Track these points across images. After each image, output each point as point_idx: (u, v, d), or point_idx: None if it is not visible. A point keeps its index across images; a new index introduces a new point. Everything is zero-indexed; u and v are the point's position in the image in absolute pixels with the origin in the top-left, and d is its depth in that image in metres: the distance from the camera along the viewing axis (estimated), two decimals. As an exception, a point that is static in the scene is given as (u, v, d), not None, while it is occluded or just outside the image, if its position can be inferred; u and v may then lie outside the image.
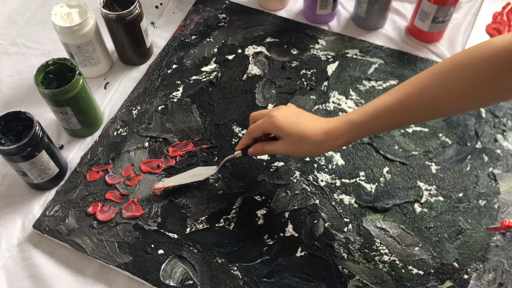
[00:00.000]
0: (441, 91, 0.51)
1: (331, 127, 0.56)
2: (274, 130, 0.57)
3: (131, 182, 0.67)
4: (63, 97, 0.65)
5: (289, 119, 0.56)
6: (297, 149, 0.57)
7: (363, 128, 0.55)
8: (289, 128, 0.56)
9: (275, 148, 0.58)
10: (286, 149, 0.58)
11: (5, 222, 0.65)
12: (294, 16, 0.89)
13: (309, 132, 0.56)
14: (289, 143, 0.57)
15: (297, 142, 0.56)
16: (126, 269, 0.60)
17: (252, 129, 0.60)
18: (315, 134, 0.56)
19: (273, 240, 0.62)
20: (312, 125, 0.56)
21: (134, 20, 0.74)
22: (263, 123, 0.58)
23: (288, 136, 0.57)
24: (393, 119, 0.54)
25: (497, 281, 0.59)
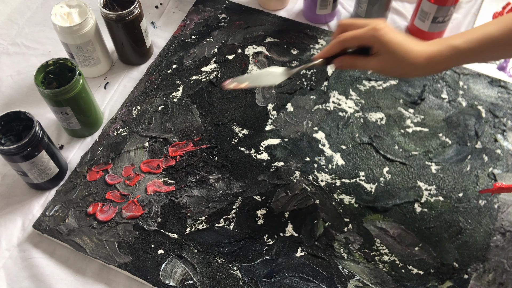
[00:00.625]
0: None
1: (433, 52, 0.53)
2: (378, 45, 0.53)
3: (131, 182, 0.67)
4: (63, 97, 0.65)
5: (396, 36, 0.53)
6: (396, 69, 0.54)
7: (466, 55, 0.53)
8: (395, 46, 0.52)
9: (371, 64, 0.55)
10: (383, 66, 0.54)
11: (5, 222, 0.65)
12: (294, 16, 0.89)
13: (414, 54, 0.53)
14: (389, 61, 0.54)
15: (399, 62, 0.53)
16: (126, 269, 0.60)
17: (348, 37, 0.54)
18: (419, 57, 0.53)
19: (273, 240, 0.62)
20: (416, 47, 0.53)
21: (134, 20, 0.74)
22: (364, 34, 0.53)
23: (392, 54, 0.53)
24: (498, 49, 0.53)
25: (497, 281, 0.59)
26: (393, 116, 0.74)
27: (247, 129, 0.73)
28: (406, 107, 0.75)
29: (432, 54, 0.53)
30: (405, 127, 0.73)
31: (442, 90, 0.77)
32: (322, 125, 0.73)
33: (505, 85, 0.77)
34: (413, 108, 0.75)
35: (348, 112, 0.75)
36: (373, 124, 0.73)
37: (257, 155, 0.70)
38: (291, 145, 0.71)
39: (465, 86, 0.77)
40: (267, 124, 0.73)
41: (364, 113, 0.74)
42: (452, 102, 0.75)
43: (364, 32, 0.53)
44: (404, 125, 0.73)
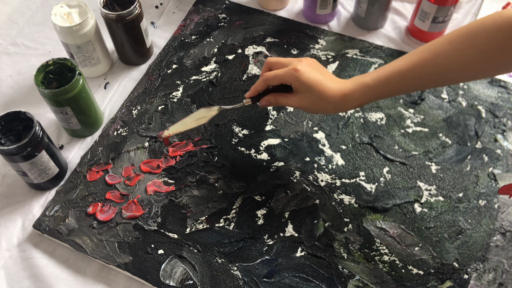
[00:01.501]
0: (453, 58, 0.52)
1: (347, 91, 0.57)
2: (296, 84, 0.57)
3: (131, 182, 0.67)
4: (63, 97, 0.65)
5: (313, 75, 0.57)
6: (313, 106, 0.58)
7: (376, 92, 0.56)
8: (312, 86, 0.56)
9: (291, 101, 0.59)
10: (302, 104, 0.58)
11: (5, 222, 0.65)
12: (294, 16, 0.89)
13: (329, 93, 0.56)
14: (307, 99, 0.57)
15: (315, 100, 0.57)
16: (126, 269, 0.60)
17: (270, 76, 0.58)
18: (334, 95, 0.56)
19: (273, 240, 0.62)
20: (332, 87, 0.57)
21: (134, 20, 0.74)
22: (285, 74, 0.57)
23: (308, 93, 0.57)
24: (405, 84, 0.55)
25: (497, 281, 0.59)
26: (393, 116, 0.74)
27: (247, 129, 0.73)
28: (406, 107, 0.75)
29: (346, 92, 0.57)
30: (405, 127, 0.73)
31: (442, 90, 0.77)
32: (322, 125, 0.73)
33: (505, 85, 0.77)
34: (413, 108, 0.75)
35: (348, 112, 0.75)
36: (373, 124, 0.73)
37: (257, 155, 0.70)
38: (291, 145, 0.71)
39: (465, 86, 0.77)
40: (267, 124, 0.73)
41: (364, 113, 0.74)
42: (452, 102, 0.75)
43: (284, 72, 0.57)
44: (404, 125, 0.73)
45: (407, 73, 0.54)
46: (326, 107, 0.58)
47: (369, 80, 0.56)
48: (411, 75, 0.54)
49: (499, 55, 0.51)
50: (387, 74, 0.55)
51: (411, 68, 0.54)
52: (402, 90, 0.57)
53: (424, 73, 0.54)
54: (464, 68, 0.53)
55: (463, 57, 0.52)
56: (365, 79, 0.56)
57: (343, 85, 0.57)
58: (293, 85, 0.58)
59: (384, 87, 0.56)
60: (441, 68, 0.53)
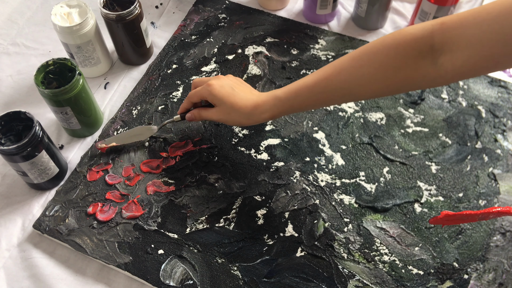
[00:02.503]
0: (355, 74, 0.53)
1: (259, 102, 0.60)
2: (210, 98, 0.61)
3: (131, 182, 0.67)
4: (63, 97, 0.65)
5: (224, 89, 0.60)
6: (229, 118, 0.61)
7: (286, 104, 0.58)
8: (223, 98, 0.60)
9: (210, 114, 0.63)
10: (219, 116, 0.62)
11: (5, 222, 0.65)
12: (294, 16, 0.89)
13: (240, 104, 0.60)
14: (222, 111, 0.61)
15: (229, 111, 0.61)
16: (126, 269, 0.60)
17: (191, 94, 0.64)
18: (245, 106, 0.60)
19: (273, 240, 0.62)
20: (244, 98, 0.60)
21: (134, 20, 0.74)
22: (201, 90, 0.62)
23: (222, 105, 0.61)
24: (312, 98, 0.57)
25: (497, 281, 0.59)
26: (393, 116, 0.74)
27: (247, 129, 0.73)
28: (406, 107, 0.75)
29: (258, 103, 0.60)
30: (405, 127, 0.73)
31: (442, 90, 0.77)
32: (322, 125, 0.73)
33: (505, 85, 0.77)
34: (413, 108, 0.75)
35: (348, 112, 0.75)
36: (373, 124, 0.73)
37: (257, 155, 0.70)
38: (291, 145, 0.71)
39: (465, 86, 0.77)
40: (267, 124, 0.73)
41: (364, 113, 0.74)
42: (452, 102, 0.75)
43: (201, 89, 0.62)
44: (404, 125, 0.73)
45: (313, 88, 0.56)
46: (239, 118, 0.61)
47: (280, 93, 0.59)
48: (317, 90, 0.56)
49: (399, 72, 0.51)
50: (296, 88, 0.57)
51: (317, 83, 0.56)
52: (311, 104, 0.58)
53: (329, 88, 0.55)
54: (367, 84, 0.54)
55: (364, 74, 0.53)
56: (278, 92, 0.59)
57: (257, 97, 0.60)
58: (208, 100, 0.62)
59: (293, 100, 0.58)
60: (344, 84, 0.54)
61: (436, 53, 0.48)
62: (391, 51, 0.51)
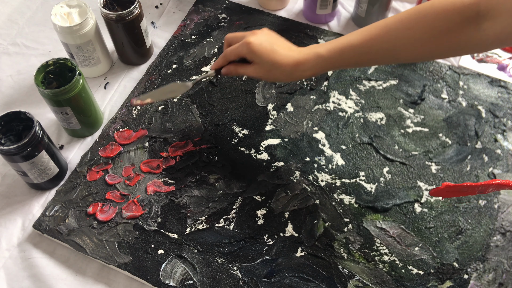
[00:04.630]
0: (402, 36, 0.54)
1: (301, 59, 0.59)
2: (249, 55, 0.60)
3: (131, 182, 0.67)
4: (63, 97, 0.65)
5: (263, 46, 0.59)
6: (268, 75, 0.61)
7: (329, 63, 0.58)
8: (263, 55, 0.59)
9: (248, 71, 0.61)
10: (258, 73, 0.61)
11: (5, 222, 0.65)
12: (294, 16, 0.89)
13: (281, 62, 0.59)
14: (261, 69, 0.60)
15: (269, 69, 0.60)
16: (126, 269, 0.60)
17: (228, 52, 0.62)
18: (286, 64, 0.59)
19: (273, 240, 0.62)
20: (285, 55, 0.59)
21: (134, 20, 0.74)
22: (239, 48, 0.61)
23: (261, 63, 0.59)
24: (357, 57, 0.57)
25: (497, 281, 0.59)
26: (393, 116, 0.74)
27: (247, 129, 0.73)
28: (406, 107, 0.75)
29: (299, 61, 0.59)
30: (405, 127, 0.73)
31: (442, 90, 0.77)
32: (322, 125, 0.73)
33: (505, 85, 0.77)
34: (413, 108, 0.75)
35: (348, 112, 0.75)
36: (373, 124, 0.73)
37: (257, 155, 0.70)
38: (291, 145, 0.71)
39: (465, 86, 0.77)
40: (267, 124, 0.73)
41: (364, 113, 0.74)
42: (452, 102, 0.75)
43: (238, 46, 0.61)
44: (404, 125, 0.73)
45: (359, 47, 0.56)
46: (279, 75, 0.60)
47: (323, 50, 0.58)
48: (363, 50, 0.56)
49: (446, 36, 0.52)
50: (340, 46, 0.57)
51: (363, 43, 0.56)
52: (353, 63, 0.59)
53: (374, 48, 0.56)
54: (412, 46, 0.54)
55: (411, 36, 0.54)
56: (320, 50, 0.58)
57: (298, 54, 0.59)
58: (247, 57, 0.60)
59: (337, 59, 0.58)
60: (390, 45, 0.55)
61: (480, 19, 0.50)
62: (439, 15, 0.52)
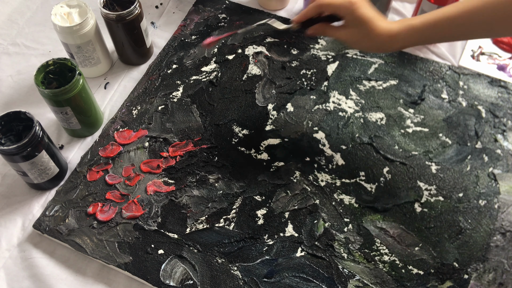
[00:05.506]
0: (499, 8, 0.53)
1: (394, 31, 0.57)
2: (349, 17, 0.57)
3: (131, 182, 0.67)
4: (63, 97, 0.65)
5: (368, 11, 0.57)
6: (361, 42, 0.59)
7: (422, 35, 0.57)
8: (364, 21, 0.57)
9: (340, 34, 0.59)
10: (349, 38, 0.59)
11: (5, 222, 0.65)
12: (294, 16, 0.88)
13: (377, 31, 0.57)
14: (355, 34, 0.58)
15: (363, 36, 0.58)
16: (126, 269, 0.60)
17: (324, 3, 0.58)
18: (381, 34, 0.57)
19: (273, 240, 0.62)
20: (381, 25, 0.57)
21: (134, 20, 0.74)
22: (341, 4, 0.57)
23: (359, 28, 0.57)
24: (452, 29, 0.56)
25: (497, 281, 0.59)
26: (393, 116, 0.74)
27: (247, 129, 0.73)
28: (406, 107, 0.75)
29: (393, 32, 0.57)
30: (405, 127, 0.73)
31: (442, 90, 0.77)
32: (322, 125, 0.73)
33: (505, 85, 0.77)
34: (413, 108, 0.75)
35: (348, 112, 0.75)
36: (373, 124, 0.73)
37: (257, 155, 0.70)
38: (291, 145, 0.71)
39: (465, 86, 0.77)
40: (267, 124, 0.73)
41: (364, 113, 0.74)
42: (452, 102, 0.75)
43: (341, 2, 0.57)
44: (404, 125, 0.73)
45: (455, 19, 0.55)
46: (371, 44, 0.58)
47: (417, 22, 0.56)
48: (459, 21, 0.55)
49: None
50: (435, 18, 0.56)
51: (460, 15, 0.54)
52: (447, 36, 0.57)
53: (472, 21, 0.54)
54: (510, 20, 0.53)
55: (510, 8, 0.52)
56: (413, 22, 0.57)
57: (390, 25, 0.58)
58: (345, 18, 0.58)
59: (431, 30, 0.56)
60: (487, 17, 0.54)
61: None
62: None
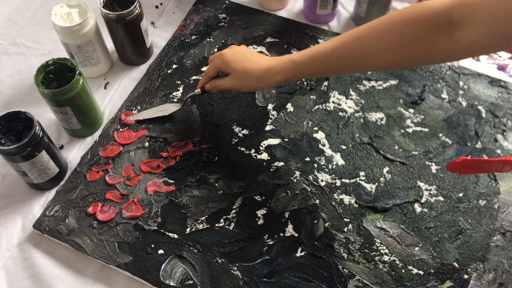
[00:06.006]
0: (372, 43, 0.54)
1: (273, 64, 0.61)
2: (223, 66, 0.63)
3: (131, 182, 0.67)
4: (63, 97, 0.65)
5: (236, 56, 0.62)
6: (242, 83, 0.63)
7: (300, 68, 0.59)
8: (235, 64, 0.62)
9: (224, 82, 0.64)
10: (233, 83, 0.63)
11: (5, 222, 0.65)
12: (294, 16, 0.89)
13: (252, 68, 0.61)
14: (235, 78, 0.63)
15: (241, 76, 0.62)
16: (126, 269, 0.60)
17: (208, 69, 0.66)
18: (258, 69, 0.61)
19: (273, 240, 0.62)
20: (256, 62, 0.62)
21: (134, 20, 0.74)
22: (215, 61, 0.64)
23: (234, 71, 0.62)
24: (327, 63, 0.58)
25: (497, 281, 0.59)
26: (393, 116, 0.74)
27: (247, 129, 0.73)
28: (406, 107, 0.75)
29: (272, 66, 0.61)
30: (405, 127, 0.73)
31: (442, 90, 0.77)
32: (322, 125, 0.73)
33: (505, 85, 0.77)
34: (413, 108, 0.75)
35: (348, 112, 0.75)
36: (373, 124, 0.73)
37: (257, 155, 0.70)
38: (291, 145, 0.71)
39: (465, 86, 0.77)
40: (267, 124, 0.73)
41: (364, 113, 0.74)
42: (452, 102, 0.75)
43: (215, 61, 0.65)
44: (404, 125, 0.73)
45: (329, 54, 0.57)
46: (252, 81, 0.62)
47: (295, 57, 0.59)
48: (333, 56, 0.57)
49: (416, 44, 0.52)
50: (312, 53, 0.58)
51: (334, 49, 0.56)
52: (324, 70, 0.60)
53: (345, 55, 0.56)
54: (383, 54, 0.54)
55: (382, 43, 0.54)
56: (292, 56, 0.60)
57: (270, 61, 0.61)
58: (222, 69, 0.64)
59: (308, 64, 0.58)
60: (361, 52, 0.55)
61: (453, 28, 0.49)
62: (410, 23, 0.52)
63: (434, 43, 0.51)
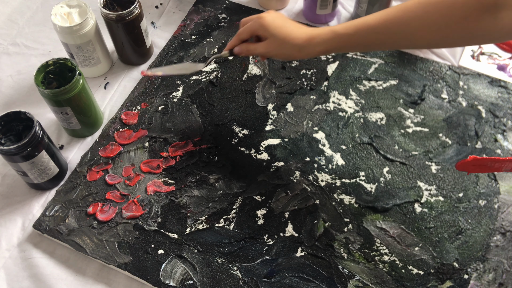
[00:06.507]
0: (419, 19, 0.54)
1: (314, 34, 0.59)
2: (261, 31, 0.60)
3: (131, 182, 0.67)
4: (63, 97, 0.65)
5: (276, 21, 0.60)
6: (279, 51, 0.60)
7: (343, 40, 0.58)
8: (275, 29, 0.59)
9: (259, 47, 0.61)
10: (269, 49, 0.61)
11: (5, 222, 0.65)
12: (294, 16, 0.89)
13: (293, 35, 0.59)
14: (272, 44, 0.60)
15: (280, 44, 0.59)
16: (126, 269, 0.60)
17: (241, 31, 0.63)
18: (298, 37, 0.59)
19: (273, 240, 0.62)
20: (297, 30, 0.59)
21: (134, 20, 0.74)
22: (251, 25, 0.61)
23: (273, 37, 0.59)
24: (372, 37, 0.57)
25: (497, 281, 0.59)
26: (393, 116, 0.74)
27: (247, 129, 0.73)
28: (406, 107, 0.75)
29: (312, 35, 0.58)
30: (405, 127, 0.73)
31: (442, 90, 0.77)
32: (322, 125, 0.73)
33: (505, 85, 0.77)
34: (413, 108, 0.75)
35: (348, 112, 0.75)
36: (373, 124, 0.73)
37: (257, 155, 0.70)
38: (291, 145, 0.71)
39: (465, 86, 0.77)
40: (267, 124, 0.73)
41: (364, 113, 0.74)
42: (452, 102, 0.75)
43: (251, 23, 0.61)
44: (404, 125, 0.73)
45: (375, 27, 0.56)
46: (291, 50, 0.59)
47: (339, 28, 0.58)
48: (378, 30, 0.56)
49: (462, 22, 0.52)
50: (356, 25, 0.57)
51: (380, 23, 0.56)
52: (368, 43, 0.58)
53: (390, 30, 0.56)
54: (428, 31, 0.54)
55: (428, 20, 0.53)
56: (335, 27, 0.58)
57: (312, 30, 0.59)
58: (259, 33, 0.61)
59: (351, 36, 0.57)
60: (406, 26, 0.55)
61: (498, 8, 0.50)
62: (458, 1, 0.52)
63: (479, 22, 0.51)
